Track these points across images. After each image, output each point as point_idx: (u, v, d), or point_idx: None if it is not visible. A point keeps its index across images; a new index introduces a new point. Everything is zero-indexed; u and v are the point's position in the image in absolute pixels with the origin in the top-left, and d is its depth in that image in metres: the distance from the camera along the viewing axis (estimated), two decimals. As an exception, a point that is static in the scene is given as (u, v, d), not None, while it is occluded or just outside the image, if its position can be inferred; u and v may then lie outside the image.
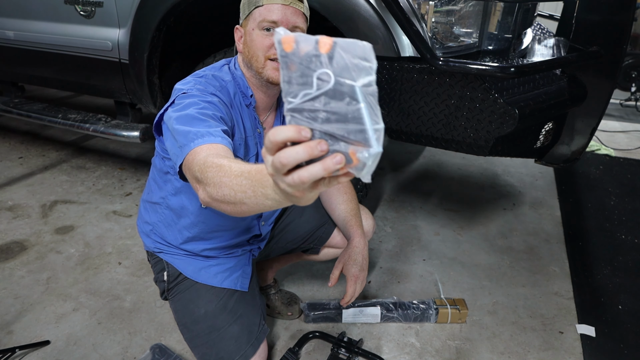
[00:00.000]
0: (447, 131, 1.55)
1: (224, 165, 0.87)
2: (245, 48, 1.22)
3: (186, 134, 1.01)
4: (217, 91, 1.18)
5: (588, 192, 2.73)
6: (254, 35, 1.19)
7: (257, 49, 1.19)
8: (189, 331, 1.34)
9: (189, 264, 1.37)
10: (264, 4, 1.16)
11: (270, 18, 1.16)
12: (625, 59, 4.27)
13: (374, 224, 1.59)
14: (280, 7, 1.16)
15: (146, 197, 1.43)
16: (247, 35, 1.20)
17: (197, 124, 1.04)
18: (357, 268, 1.37)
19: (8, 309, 1.70)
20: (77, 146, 3.19)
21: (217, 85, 1.20)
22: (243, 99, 1.26)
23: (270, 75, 1.22)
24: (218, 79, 1.22)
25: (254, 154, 1.30)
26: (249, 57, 1.22)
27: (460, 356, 1.56)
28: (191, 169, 0.97)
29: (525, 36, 1.78)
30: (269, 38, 1.18)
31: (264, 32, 1.18)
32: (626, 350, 1.60)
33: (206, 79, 1.20)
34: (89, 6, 2.04)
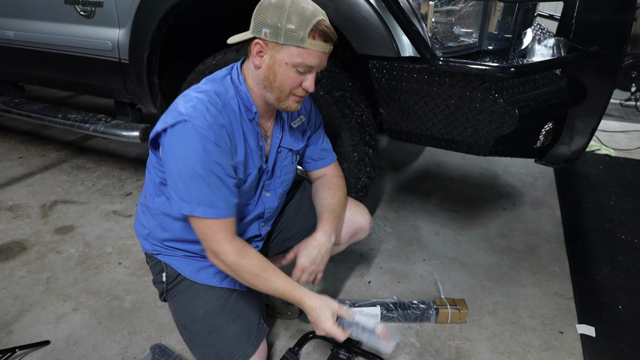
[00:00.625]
0: (447, 131, 1.55)
1: (259, 276, 1.18)
2: (269, 73, 1.19)
3: (189, 192, 1.13)
4: (219, 113, 1.16)
5: (588, 192, 2.73)
6: (285, 70, 1.17)
7: (286, 84, 1.18)
8: (188, 331, 1.34)
9: (188, 265, 1.37)
10: (306, 47, 1.13)
11: (309, 63, 1.16)
12: (625, 59, 4.27)
13: (370, 220, 1.59)
14: (321, 54, 1.16)
15: (143, 201, 1.43)
16: (277, 65, 1.17)
17: (200, 185, 1.13)
18: (308, 260, 1.34)
19: (8, 309, 1.70)
20: (77, 146, 3.19)
21: (219, 105, 1.18)
22: (247, 113, 1.25)
23: (290, 106, 1.23)
24: (221, 96, 1.20)
25: (257, 167, 1.30)
26: (272, 84, 1.19)
27: (460, 356, 1.56)
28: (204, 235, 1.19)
29: (525, 36, 1.78)
30: (300, 77, 1.18)
31: (297, 70, 1.17)
32: (626, 350, 1.60)
33: (208, 97, 1.17)
34: (89, 6, 2.04)
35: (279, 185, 1.41)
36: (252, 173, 1.30)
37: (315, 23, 1.12)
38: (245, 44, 1.80)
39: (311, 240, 1.37)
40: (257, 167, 1.30)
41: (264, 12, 1.14)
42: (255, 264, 1.19)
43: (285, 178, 1.43)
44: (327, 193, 1.47)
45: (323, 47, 1.15)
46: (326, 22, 1.15)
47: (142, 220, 1.43)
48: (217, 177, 1.15)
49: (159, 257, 1.40)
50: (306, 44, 1.13)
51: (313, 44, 1.13)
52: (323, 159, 1.53)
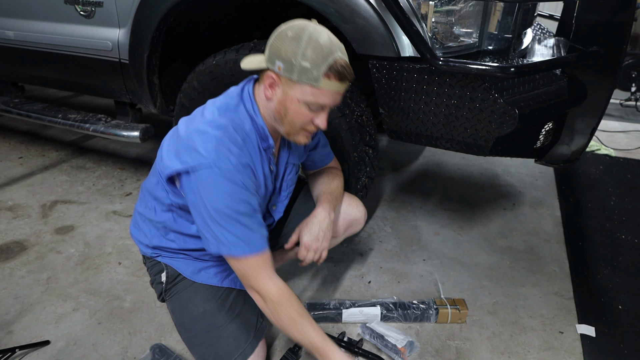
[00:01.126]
0: (447, 131, 1.55)
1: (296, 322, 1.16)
2: (280, 107, 1.16)
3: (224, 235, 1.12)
4: (241, 152, 1.13)
5: (588, 192, 2.73)
6: (297, 107, 1.14)
7: (297, 121, 1.16)
8: (187, 331, 1.34)
9: (189, 265, 1.37)
10: (321, 87, 1.10)
11: (322, 102, 1.13)
12: (625, 59, 4.27)
13: (365, 212, 1.60)
14: (335, 93, 1.13)
15: (144, 212, 1.39)
16: (289, 101, 1.14)
17: (235, 226, 1.11)
18: (312, 237, 1.34)
19: (8, 309, 1.70)
20: (77, 146, 3.19)
21: (239, 142, 1.14)
22: (262, 143, 1.23)
23: (300, 141, 1.22)
24: (239, 131, 1.16)
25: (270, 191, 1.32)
26: (282, 118, 1.17)
27: (460, 356, 1.56)
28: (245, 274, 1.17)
29: (525, 36, 1.78)
30: (311, 114, 1.15)
31: (309, 107, 1.14)
32: (626, 350, 1.60)
33: (228, 136, 1.13)
34: (89, 6, 2.04)
35: (285, 197, 1.43)
36: (265, 197, 1.32)
37: (332, 62, 1.08)
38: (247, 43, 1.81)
39: (311, 218, 1.37)
40: (270, 191, 1.32)
41: (280, 44, 1.10)
42: (295, 308, 1.17)
43: (290, 190, 1.44)
44: (324, 179, 1.50)
45: (338, 87, 1.12)
46: (343, 60, 1.10)
47: (142, 228, 1.42)
48: (248, 216, 1.13)
49: (159, 259, 1.40)
50: (320, 83, 1.09)
51: (327, 84, 1.10)
52: (323, 160, 1.55)
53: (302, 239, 1.36)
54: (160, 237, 1.38)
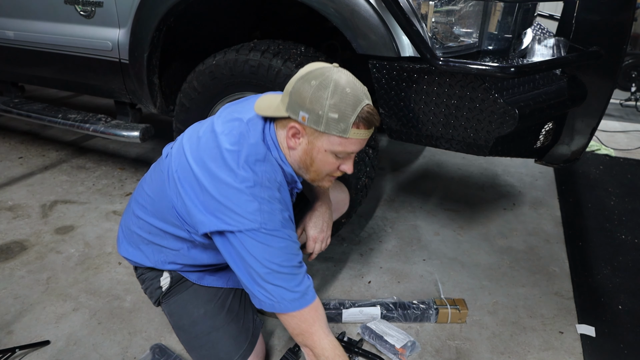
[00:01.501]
0: (447, 131, 1.55)
1: None
2: (306, 157, 1.14)
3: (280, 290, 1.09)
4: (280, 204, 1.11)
5: (588, 192, 2.73)
6: (325, 157, 1.12)
7: (324, 170, 1.15)
8: (186, 333, 1.33)
9: (192, 274, 1.36)
10: (349, 137, 1.08)
11: (350, 151, 1.12)
12: (625, 59, 4.27)
13: (348, 197, 1.62)
14: (362, 141, 1.12)
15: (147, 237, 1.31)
16: (314, 150, 1.11)
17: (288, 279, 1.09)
18: (317, 230, 1.38)
19: (8, 309, 1.70)
20: (77, 146, 3.19)
21: (277, 196, 1.11)
22: (289, 185, 1.21)
23: (324, 185, 1.22)
24: (273, 184, 1.12)
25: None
26: (307, 167, 1.16)
27: (460, 356, 1.56)
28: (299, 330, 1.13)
29: (525, 36, 1.78)
30: (339, 162, 1.15)
31: (336, 157, 1.13)
32: (626, 350, 1.60)
33: (267, 193, 1.09)
34: (89, 6, 2.04)
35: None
36: None
37: (360, 111, 1.06)
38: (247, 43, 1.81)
39: (313, 212, 1.40)
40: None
41: (303, 93, 1.06)
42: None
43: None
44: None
45: (366, 134, 1.10)
46: (370, 107, 1.08)
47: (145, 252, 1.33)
48: (299, 267, 1.12)
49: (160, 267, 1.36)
50: (349, 134, 1.07)
51: (356, 134, 1.08)
52: None
53: (309, 232, 1.38)
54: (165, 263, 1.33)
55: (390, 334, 1.56)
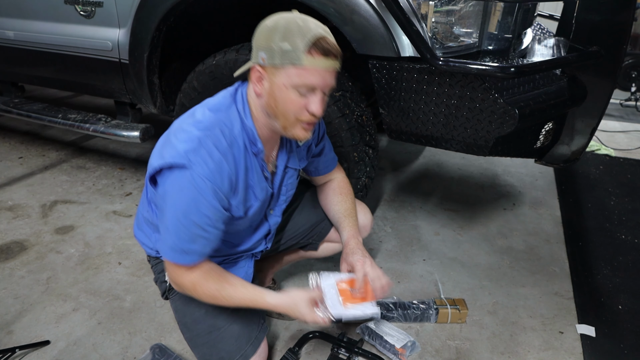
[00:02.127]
0: (447, 131, 1.55)
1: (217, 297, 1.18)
2: (271, 100, 1.10)
3: (175, 242, 1.12)
4: (223, 158, 1.09)
5: (588, 192, 2.73)
6: (286, 94, 1.07)
7: (290, 110, 1.09)
8: (189, 330, 1.34)
9: None
10: (305, 66, 1.03)
11: (310, 83, 1.06)
12: (625, 59, 4.27)
13: (372, 219, 1.59)
14: (324, 72, 1.06)
15: (148, 216, 1.36)
16: (276, 90, 1.08)
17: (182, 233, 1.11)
18: (358, 256, 1.31)
19: (8, 309, 1.70)
20: (77, 146, 3.19)
21: (224, 146, 1.10)
22: (251, 146, 1.19)
23: (298, 135, 1.15)
24: (226, 134, 1.12)
25: (259, 199, 1.26)
26: (275, 111, 1.11)
27: (460, 356, 1.56)
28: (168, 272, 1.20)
29: (525, 36, 1.78)
30: (304, 100, 1.08)
31: (299, 92, 1.07)
32: (626, 350, 1.60)
33: (213, 139, 1.09)
34: (89, 6, 2.04)
35: (283, 202, 1.40)
36: (254, 205, 1.26)
37: (312, 38, 1.03)
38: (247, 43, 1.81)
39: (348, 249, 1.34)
40: (260, 200, 1.26)
41: (260, 35, 1.08)
42: (212, 286, 1.18)
43: (289, 194, 1.41)
44: (339, 198, 1.46)
45: (323, 63, 1.05)
46: (325, 36, 1.05)
47: (147, 232, 1.39)
48: (201, 229, 1.11)
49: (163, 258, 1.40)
50: (304, 61, 1.03)
51: (311, 62, 1.03)
52: (327, 167, 1.50)
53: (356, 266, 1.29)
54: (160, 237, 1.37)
55: (390, 334, 1.56)
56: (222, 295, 1.18)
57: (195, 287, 1.18)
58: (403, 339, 1.54)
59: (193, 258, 1.14)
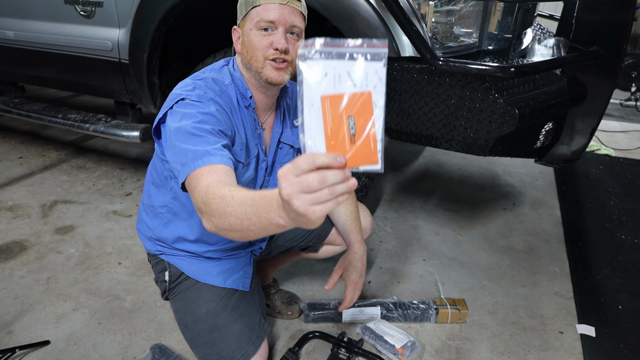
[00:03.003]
0: (447, 131, 1.55)
1: (225, 195, 0.90)
2: (244, 49, 1.21)
3: (185, 152, 1.05)
4: (216, 96, 1.17)
5: (588, 192, 2.73)
6: (251, 36, 1.17)
7: (256, 49, 1.18)
8: (190, 331, 1.34)
9: (191, 264, 1.37)
10: (260, 4, 1.15)
11: (267, 18, 1.15)
12: (625, 59, 4.27)
13: (372, 221, 1.60)
14: (278, 6, 1.15)
15: (147, 201, 1.42)
16: (245, 36, 1.19)
17: (195, 140, 1.07)
18: (357, 274, 1.39)
19: (8, 309, 1.70)
20: (77, 146, 3.19)
21: (216, 89, 1.19)
22: (242, 100, 1.25)
23: (270, 76, 1.20)
24: (218, 82, 1.21)
25: (254, 156, 1.30)
26: (248, 58, 1.20)
27: (460, 356, 1.56)
28: (194, 196, 1.01)
29: (525, 36, 1.78)
30: (267, 38, 1.16)
31: (262, 32, 1.16)
32: (626, 350, 1.60)
33: (206, 83, 1.19)
34: (89, 6, 2.04)
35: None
36: (252, 161, 1.30)
37: None
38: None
39: (352, 254, 1.41)
40: (255, 156, 1.30)
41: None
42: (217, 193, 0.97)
43: None
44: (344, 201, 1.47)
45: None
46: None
47: (145, 220, 1.43)
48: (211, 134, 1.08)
49: (162, 257, 1.40)
50: (260, 1, 1.14)
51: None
52: None
53: (349, 277, 1.38)
54: (160, 227, 1.38)
55: (390, 334, 1.56)
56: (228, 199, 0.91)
57: (208, 189, 0.95)
58: (403, 339, 1.54)
59: (215, 158, 1.03)
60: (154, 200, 1.38)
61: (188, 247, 1.37)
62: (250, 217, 0.85)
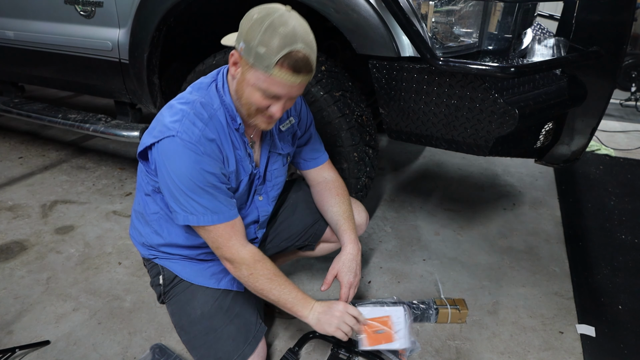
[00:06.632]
0: (447, 131, 1.55)
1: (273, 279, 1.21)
2: (239, 87, 1.15)
3: (194, 203, 1.14)
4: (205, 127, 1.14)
5: (588, 192, 2.73)
6: (251, 90, 1.11)
7: (252, 104, 1.13)
8: (186, 333, 1.34)
9: (185, 267, 1.37)
10: (273, 76, 1.06)
11: (274, 92, 1.09)
12: (625, 59, 4.27)
13: (367, 216, 1.59)
14: (289, 85, 1.08)
15: (137, 208, 1.42)
16: (245, 83, 1.12)
17: (200, 194, 1.14)
18: (351, 275, 1.37)
19: (8, 309, 1.70)
20: (77, 146, 3.19)
21: (205, 117, 1.15)
22: (232, 122, 1.22)
23: (260, 125, 1.19)
24: (206, 107, 1.17)
25: (247, 173, 1.29)
26: (241, 97, 1.16)
27: (460, 356, 1.56)
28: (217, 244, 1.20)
29: (525, 36, 1.78)
30: (267, 101, 1.12)
31: (264, 94, 1.10)
32: (626, 350, 1.60)
33: (194, 110, 1.15)
34: (89, 6, 2.04)
35: (270, 188, 1.40)
36: (244, 180, 1.29)
37: (287, 52, 1.03)
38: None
39: (346, 255, 1.39)
40: (247, 174, 1.29)
41: (245, 23, 1.08)
42: (270, 268, 1.21)
43: (277, 181, 1.42)
44: (336, 200, 1.45)
45: (291, 79, 1.06)
46: (302, 53, 1.05)
47: (137, 226, 1.43)
48: (213, 186, 1.15)
49: (156, 261, 1.40)
50: (272, 72, 1.05)
51: (279, 74, 1.05)
52: (315, 158, 1.49)
53: (343, 278, 1.37)
54: (152, 234, 1.38)
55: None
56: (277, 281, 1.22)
57: (256, 262, 1.20)
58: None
59: (230, 213, 1.18)
60: (143, 207, 1.37)
61: (180, 251, 1.37)
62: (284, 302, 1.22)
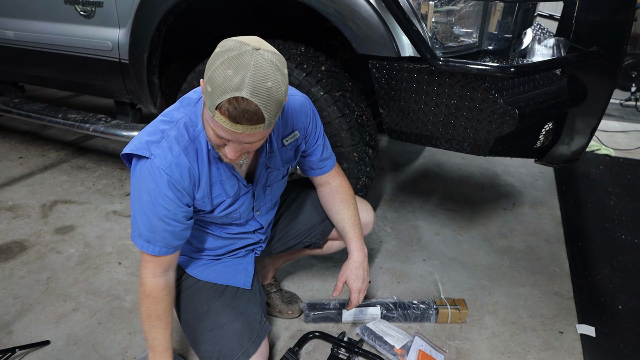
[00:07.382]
0: (447, 131, 1.55)
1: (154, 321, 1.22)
2: (202, 117, 1.11)
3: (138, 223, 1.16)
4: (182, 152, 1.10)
5: (588, 192, 2.73)
6: (207, 126, 1.06)
7: (209, 137, 1.08)
8: (191, 329, 1.34)
9: (193, 263, 1.38)
10: (215, 117, 0.97)
11: (219, 134, 1.01)
12: (625, 59, 4.26)
13: (374, 216, 1.58)
14: (231, 132, 0.98)
15: None
16: (204, 112, 1.06)
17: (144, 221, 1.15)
18: (360, 281, 1.39)
19: (8, 309, 1.70)
20: (77, 146, 3.19)
21: (185, 140, 1.11)
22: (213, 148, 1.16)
23: (223, 158, 1.12)
24: (189, 129, 1.12)
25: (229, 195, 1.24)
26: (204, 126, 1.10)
27: (460, 356, 1.56)
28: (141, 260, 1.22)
29: (525, 36, 1.78)
30: (219, 140, 1.04)
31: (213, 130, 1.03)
32: (626, 350, 1.60)
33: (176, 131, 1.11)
34: (89, 6, 2.04)
35: (268, 201, 1.38)
36: (225, 201, 1.25)
37: (229, 98, 0.92)
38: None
39: (353, 262, 1.40)
40: (229, 196, 1.25)
41: (212, 54, 0.98)
42: (159, 309, 1.22)
43: (275, 194, 1.40)
44: (343, 206, 1.44)
45: (230, 125, 0.96)
46: (246, 102, 0.92)
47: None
48: (161, 220, 1.13)
49: None
50: (215, 114, 0.96)
51: (220, 118, 0.96)
52: (322, 167, 1.46)
53: (352, 285, 1.39)
54: None
55: (390, 334, 1.56)
56: (153, 323, 1.23)
57: (150, 296, 1.21)
58: (403, 339, 1.54)
59: (159, 250, 1.17)
60: None
61: (190, 252, 1.38)
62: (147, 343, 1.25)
